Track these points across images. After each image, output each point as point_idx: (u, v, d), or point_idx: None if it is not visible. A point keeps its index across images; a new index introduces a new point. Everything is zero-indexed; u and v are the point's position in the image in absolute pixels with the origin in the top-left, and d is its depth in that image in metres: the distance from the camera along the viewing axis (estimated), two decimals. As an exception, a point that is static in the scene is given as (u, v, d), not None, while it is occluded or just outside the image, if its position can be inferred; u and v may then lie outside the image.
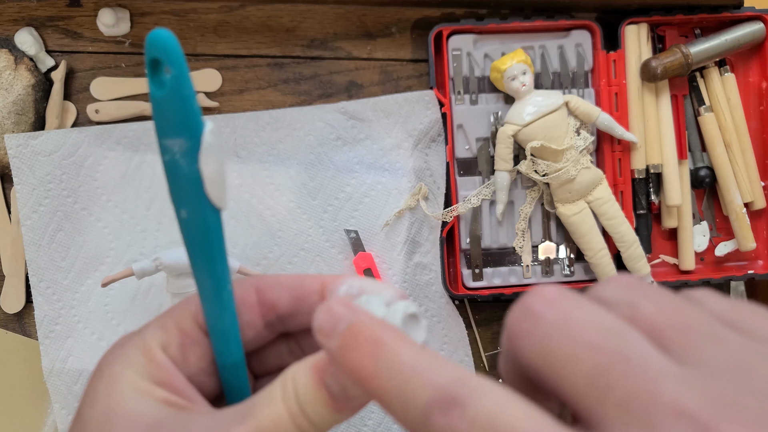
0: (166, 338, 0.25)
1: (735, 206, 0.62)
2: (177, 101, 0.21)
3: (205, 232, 0.23)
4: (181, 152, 0.22)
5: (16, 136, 0.59)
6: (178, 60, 0.20)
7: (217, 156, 0.22)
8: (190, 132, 0.21)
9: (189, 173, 0.22)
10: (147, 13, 0.62)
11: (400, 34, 0.64)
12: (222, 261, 0.24)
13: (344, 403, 0.22)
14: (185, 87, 0.21)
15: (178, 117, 0.21)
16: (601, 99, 0.62)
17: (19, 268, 0.61)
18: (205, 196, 0.22)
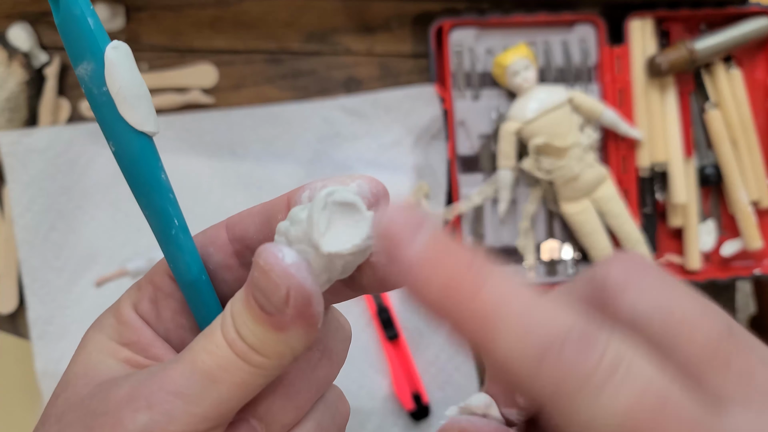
0: (138, 295, 0.24)
1: (741, 204, 0.61)
2: (73, 23, 0.20)
3: (137, 162, 0.22)
4: (89, 77, 0.21)
5: (9, 134, 0.58)
6: None
7: (126, 74, 0.20)
8: (91, 53, 0.20)
9: (100, 98, 0.21)
10: (142, 8, 0.61)
11: (400, 29, 0.63)
12: (162, 191, 0.22)
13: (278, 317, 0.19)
14: (77, 6, 0.20)
15: (77, 39, 0.20)
16: (606, 95, 0.61)
17: (12, 268, 0.60)
18: (122, 119, 0.21)
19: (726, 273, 0.63)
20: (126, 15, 0.61)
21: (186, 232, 0.23)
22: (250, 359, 0.20)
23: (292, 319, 0.19)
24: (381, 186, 0.22)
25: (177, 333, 0.24)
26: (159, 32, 0.62)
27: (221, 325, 0.21)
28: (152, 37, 0.61)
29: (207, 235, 0.24)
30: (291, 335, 0.20)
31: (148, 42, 0.61)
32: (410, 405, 0.60)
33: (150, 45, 0.61)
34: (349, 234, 0.20)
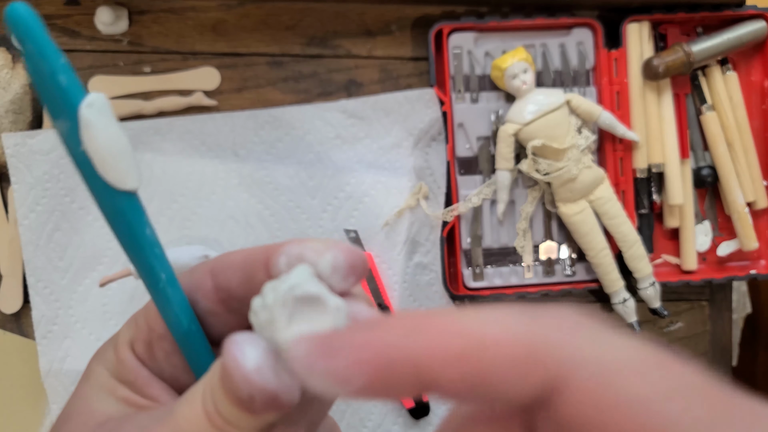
0: (135, 334, 0.24)
1: (737, 206, 0.62)
2: (42, 79, 0.19)
3: (119, 218, 0.21)
4: (66, 134, 0.20)
5: (14, 135, 0.59)
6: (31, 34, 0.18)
7: (102, 133, 0.19)
8: (65, 111, 0.19)
9: (78, 156, 0.20)
10: (145, 11, 0.62)
11: (400, 32, 0.63)
12: (147, 247, 0.22)
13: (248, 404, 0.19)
14: (46, 61, 0.18)
15: (49, 96, 0.19)
16: (603, 97, 0.61)
17: (16, 268, 0.61)
18: (101, 178, 0.20)
19: (722, 273, 0.64)
20: (129, 18, 0.62)
21: (174, 284, 0.22)
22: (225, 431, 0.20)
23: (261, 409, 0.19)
24: (359, 258, 0.21)
25: (171, 372, 0.24)
26: (162, 35, 0.62)
27: (201, 395, 0.21)
28: (155, 40, 0.62)
29: (194, 280, 0.24)
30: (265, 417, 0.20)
31: (150, 45, 0.62)
32: (410, 403, 0.61)
33: (153, 48, 0.62)
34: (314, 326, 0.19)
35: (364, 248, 0.61)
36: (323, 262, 0.20)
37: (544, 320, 0.17)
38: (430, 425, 0.62)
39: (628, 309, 0.61)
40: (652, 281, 0.61)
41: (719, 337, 0.67)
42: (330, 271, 0.20)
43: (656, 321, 0.66)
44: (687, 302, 0.67)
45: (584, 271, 0.63)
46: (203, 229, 0.61)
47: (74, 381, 0.59)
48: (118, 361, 0.24)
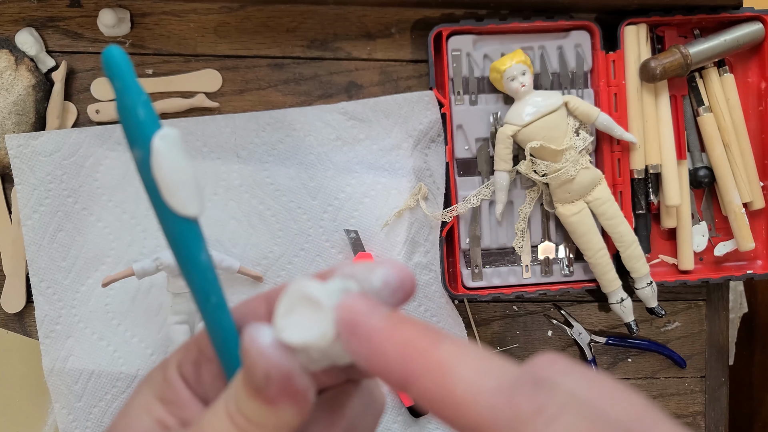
0: (184, 356, 0.25)
1: (734, 206, 0.63)
2: (125, 112, 0.21)
3: (178, 241, 0.23)
4: (140, 162, 0.22)
5: (17, 137, 0.59)
6: (122, 72, 0.21)
7: (173, 161, 0.22)
8: (141, 141, 0.22)
9: (149, 182, 0.22)
10: (147, 13, 0.62)
11: (400, 35, 0.64)
12: (201, 270, 0.23)
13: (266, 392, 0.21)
14: (129, 97, 0.21)
15: (129, 127, 0.22)
16: (600, 99, 0.62)
17: (19, 268, 0.62)
18: (165, 203, 0.22)
19: (719, 273, 0.64)
20: (131, 20, 0.62)
21: (223, 307, 0.24)
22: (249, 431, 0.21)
23: (277, 394, 0.21)
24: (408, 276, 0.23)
25: (214, 396, 0.25)
26: (164, 37, 0.63)
27: (224, 399, 0.22)
28: (157, 43, 0.63)
29: (249, 307, 0.25)
30: (282, 410, 0.21)
31: (153, 47, 0.63)
32: (410, 401, 0.61)
33: (155, 50, 0.63)
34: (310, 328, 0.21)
35: (364, 248, 0.61)
36: (374, 276, 0.22)
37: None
38: (430, 423, 0.63)
39: (625, 309, 0.62)
40: (650, 281, 0.61)
41: (716, 337, 0.68)
42: (380, 285, 0.22)
43: (653, 321, 0.67)
44: (684, 302, 0.67)
45: (582, 271, 0.63)
46: (205, 229, 0.61)
47: (77, 380, 0.60)
48: (165, 381, 0.24)
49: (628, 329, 0.63)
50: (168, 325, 0.57)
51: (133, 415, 0.24)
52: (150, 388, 0.24)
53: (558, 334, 0.66)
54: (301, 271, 0.61)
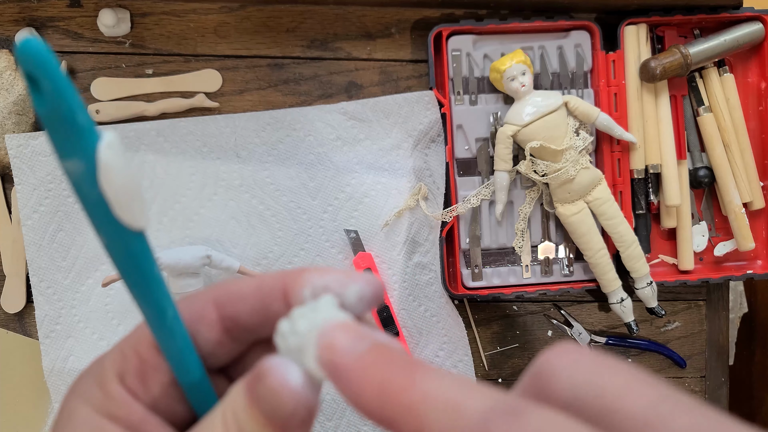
0: (123, 366, 0.23)
1: (734, 206, 0.63)
2: (59, 118, 0.18)
3: (128, 256, 0.20)
4: (79, 176, 0.19)
5: (17, 137, 0.59)
6: (51, 70, 0.17)
7: (122, 173, 0.19)
8: (83, 152, 0.18)
9: (91, 198, 0.19)
10: (147, 13, 0.62)
11: (400, 35, 0.64)
12: (155, 284, 0.21)
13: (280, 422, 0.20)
14: (64, 100, 0.18)
15: (64, 136, 0.18)
16: (600, 99, 0.62)
17: (19, 268, 0.62)
18: (116, 221, 0.19)
19: (719, 273, 0.64)
20: (131, 20, 0.62)
21: (178, 320, 0.22)
22: None
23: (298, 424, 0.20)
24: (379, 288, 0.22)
25: (167, 403, 0.23)
26: (164, 37, 0.63)
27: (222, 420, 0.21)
28: (157, 42, 0.63)
29: (194, 310, 0.24)
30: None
31: (153, 47, 0.63)
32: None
33: (155, 50, 0.63)
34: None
35: (363, 248, 0.61)
36: (350, 293, 0.22)
37: None
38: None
39: (625, 309, 0.62)
40: (650, 281, 0.61)
41: (716, 337, 0.68)
42: (356, 301, 0.22)
43: (653, 321, 0.67)
44: (684, 302, 0.67)
45: (582, 271, 0.63)
46: (205, 229, 0.61)
47: (77, 380, 0.60)
48: (106, 397, 0.22)
49: (628, 329, 0.63)
50: (168, 325, 0.57)
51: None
52: (89, 406, 0.22)
53: (558, 334, 0.67)
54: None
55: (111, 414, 0.22)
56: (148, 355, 0.23)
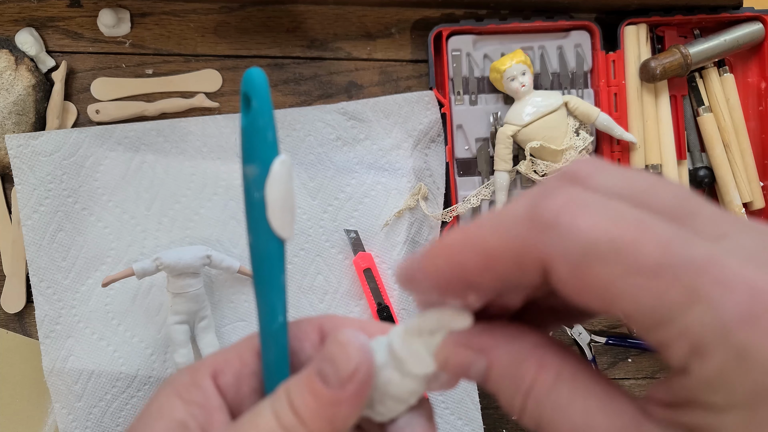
0: (221, 366, 0.25)
1: (734, 206, 0.63)
2: (254, 130, 0.23)
3: (263, 258, 0.24)
4: (252, 178, 0.23)
5: (17, 137, 0.59)
6: (262, 94, 0.23)
7: (284, 186, 0.23)
8: (262, 159, 0.23)
9: (256, 199, 0.23)
10: (147, 13, 0.62)
11: (400, 35, 0.64)
12: (277, 291, 0.24)
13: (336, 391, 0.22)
14: (263, 118, 0.22)
15: (254, 144, 0.23)
16: (600, 99, 0.62)
17: (19, 268, 0.62)
18: (267, 223, 0.23)
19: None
20: (131, 20, 0.62)
21: (285, 329, 0.25)
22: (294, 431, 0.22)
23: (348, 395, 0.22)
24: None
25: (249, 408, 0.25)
26: (164, 37, 0.63)
27: (271, 400, 0.23)
28: (157, 42, 0.63)
29: (302, 330, 0.27)
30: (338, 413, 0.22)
31: (153, 47, 0.63)
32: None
33: (155, 50, 0.63)
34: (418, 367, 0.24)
35: (364, 248, 0.61)
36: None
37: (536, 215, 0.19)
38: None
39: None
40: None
41: (716, 337, 0.68)
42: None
43: (654, 321, 0.67)
44: (684, 302, 0.67)
45: (582, 271, 0.63)
46: (206, 229, 0.61)
47: (77, 380, 0.60)
48: (193, 385, 0.25)
49: (628, 329, 0.63)
50: (168, 325, 0.57)
51: (154, 416, 0.24)
52: (173, 389, 0.25)
53: (558, 333, 0.66)
54: (301, 271, 0.61)
55: (189, 397, 0.24)
56: (249, 360, 0.26)
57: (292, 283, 0.61)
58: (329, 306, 0.61)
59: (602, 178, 0.19)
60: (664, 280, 0.16)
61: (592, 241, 0.17)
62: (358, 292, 0.62)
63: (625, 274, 0.17)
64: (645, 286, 0.17)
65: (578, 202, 0.18)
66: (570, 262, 0.17)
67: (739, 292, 0.16)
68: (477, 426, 0.62)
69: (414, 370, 0.23)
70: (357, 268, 0.61)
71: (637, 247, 0.17)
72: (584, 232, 0.17)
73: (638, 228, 0.17)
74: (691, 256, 0.16)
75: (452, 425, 0.62)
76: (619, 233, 0.17)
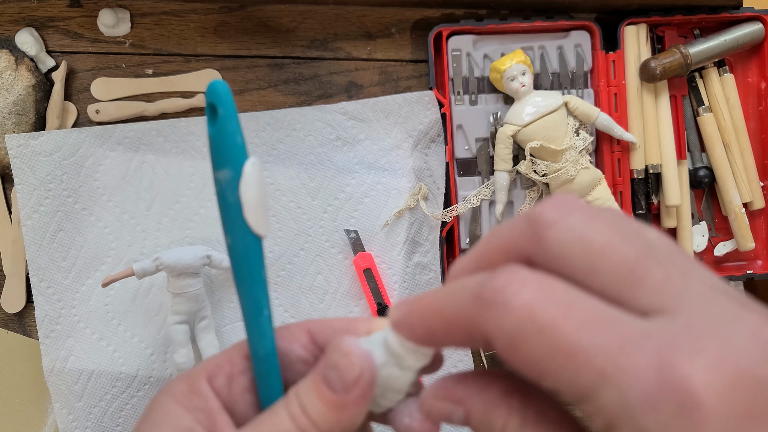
0: (215, 371, 0.27)
1: (734, 206, 0.63)
2: (223, 136, 0.24)
3: (244, 257, 0.25)
4: (225, 182, 0.24)
5: (17, 137, 0.59)
6: (227, 102, 0.24)
7: (257, 186, 0.24)
8: (233, 163, 0.24)
9: (231, 201, 0.24)
10: (147, 13, 0.62)
11: (400, 35, 0.64)
12: (260, 285, 0.26)
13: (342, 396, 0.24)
14: (230, 125, 0.24)
15: (224, 150, 0.24)
16: (600, 99, 0.62)
17: (19, 268, 0.62)
18: (245, 222, 0.25)
19: (718, 273, 0.64)
20: (131, 21, 0.62)
21: (270, 323, 0.26)
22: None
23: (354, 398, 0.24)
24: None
25: (242, 407, 0.27)
26: (164, 37, 0.63)
27: (285, 403, 0.25)
28: (157, 42, 0.63)
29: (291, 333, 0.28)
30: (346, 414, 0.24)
31: (153, 47, 0.63)
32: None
33: (155, 50, 0.63)
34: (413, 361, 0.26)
35: (364, 248, 0.61)
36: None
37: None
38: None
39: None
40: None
41: (716, 337, 0.68)
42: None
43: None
44: (684, 302, 0.67)
45: (582, 271, 0.63)
46: (205, 229, 0.61)
47: (77, 380, 0.60)
48: (192, 391, 0.26)
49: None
50: (168, 325, 0.57)
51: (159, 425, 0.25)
52: (173, 398, 0.26)
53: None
54: (301, 271, 0.61)
55: (190, 404, 0.25)
56: (238, 361, 0.27)
57: (292, 283, 0.61)
58: (329, 306, 0.61)
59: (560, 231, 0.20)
60: (577, 362, 0.18)
61: (522, 322, 0.19)
62: (358, 292, 0.62)
63: (549, 354, 0.18)
64: (564, 366, 0.18)
65: (517, 282, 0.19)
66: (505, 339, 0.19)
67: (644, 378, 0.17)
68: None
69: (412, 364, 0.25)
70: (357, 268, 0.61)
71: (557, 329, 0.18)
72: (516, 313, 0.19)
73: (563, 309, 0.18)
74: (605, 340, 0.18)
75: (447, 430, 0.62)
76: (543, 315, 0.18)
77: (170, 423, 0.25)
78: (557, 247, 0.20)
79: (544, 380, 0.19)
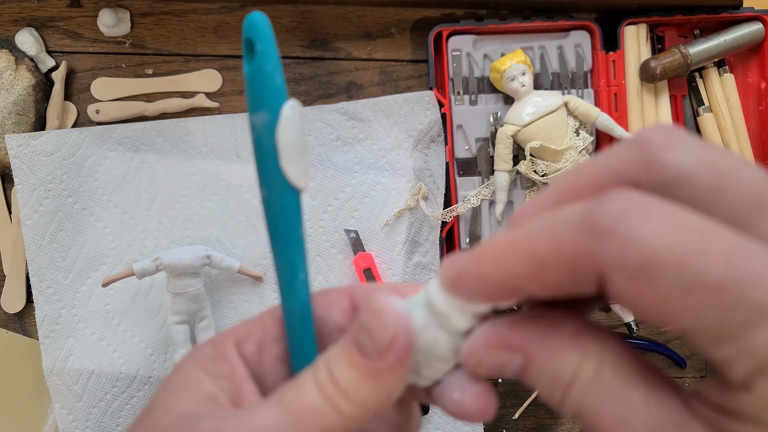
0: (245, 335, 0.24)
1: (734, 206, 0.63)
2: (261, 76, 0.22)
3: (280, 212, 0.23)
4: (261, 126, 0.22)
5: (17, 137, 0.59)
6: (266, 38, 0.22)
7: (296, 131, 0.22)
8: (271, 105, 0.22)
9: (267, 148, 0.22)
10: (147, 13, 0.62)
11: (400, 35, 0.64)
12: (296, 245, 0.23)
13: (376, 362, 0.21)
14: (269, 62, 0.21)
15: (261, 91, 0.22)
16: (601, 99, 0.62)
17: (19, 268, 0.62)
18: (281, 172, 0.22)
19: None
20: (131, 21, 0.62)
21: (306, 287, 0.24)
22: (338, 405, 0.21)
23: (389, 364, 0.21)
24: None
25: (273, 378, 0.24)
26: (164, 37, 0.63)
27: (312, 371, 0.22)
28: (157, 42, 0.63)
29: (330, 297, 0.25)
30: (381, 384, 0.21)
31: (153, 47, 0.63)
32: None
33: (155, 50, 0.63)
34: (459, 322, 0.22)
35: (364, 248, 0.61)
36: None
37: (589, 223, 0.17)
38: (430, 423, 0.63)
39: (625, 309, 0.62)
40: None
41: (716, 337, 0.68)
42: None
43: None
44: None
45: (582, 271, 0.63)
46: (205, 229, 0.61)
47: (77, 380, 0.60)
48: (218, 356, 0.24)
49: (628, 329, 0.63)
50: (168, 325, 0.57)
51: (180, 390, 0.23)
52: (196, 363, 0.23)
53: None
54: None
55: (215, 370, 0.23)
56: (271, 327, 0.25)
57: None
58: (329, 306, 0.61)
59: (679, 152, 0.18)
60: (729, 297, 0.15)
61: (653, 252, 0.16)
62: (358, 292, 0.62)
63: (688, 289, 0.16)
64: (708, 302, 0.16)
65: (638, 207, 0.16)
66: (629, 274, 0.16)
67: None
68: (477, 425, 0.62)
69: (459, 325, 0.21)
70: (357, 268, 0.61)
71: (701, 260, 0.16)
72: (645, 242, 0.16)
73: (702, 239, 0.16)
74: (759, 271, 0.15)
75: (452, 425, 0.62)
76: (681, 244, 0.16)
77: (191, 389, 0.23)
78: (678, 169, 0.17)
79: (673, 321, 0.16)
